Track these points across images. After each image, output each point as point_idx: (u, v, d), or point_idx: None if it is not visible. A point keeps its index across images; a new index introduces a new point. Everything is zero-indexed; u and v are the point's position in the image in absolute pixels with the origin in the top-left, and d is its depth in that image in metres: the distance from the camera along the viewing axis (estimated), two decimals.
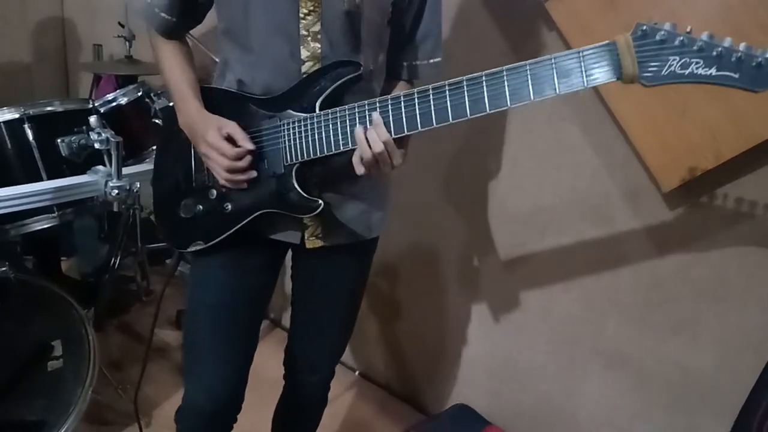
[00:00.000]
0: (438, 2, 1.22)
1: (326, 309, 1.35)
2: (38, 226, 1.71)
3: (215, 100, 1.16)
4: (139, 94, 2.01)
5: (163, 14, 1.18)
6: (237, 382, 1.29)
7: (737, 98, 1.30)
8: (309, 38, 1.08)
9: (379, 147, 0.99)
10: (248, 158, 1.10)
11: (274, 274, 1.32)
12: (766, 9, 1.25)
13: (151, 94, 2.04)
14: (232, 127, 1.10)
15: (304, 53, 1.08)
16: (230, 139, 1.09)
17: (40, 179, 1.69)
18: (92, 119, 1.65)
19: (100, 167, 1.68)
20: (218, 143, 1.08)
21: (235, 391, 1.29)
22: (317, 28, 1.07)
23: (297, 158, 1.09)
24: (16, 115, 1.68)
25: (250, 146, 1.09)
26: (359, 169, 1.04)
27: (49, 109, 1.74)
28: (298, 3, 1.06)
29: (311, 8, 1.06)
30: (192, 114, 1.14)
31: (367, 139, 1.00)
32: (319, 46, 1.08)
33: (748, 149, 1.34)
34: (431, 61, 1.24)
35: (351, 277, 1.35)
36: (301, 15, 1.06)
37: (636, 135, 1.49)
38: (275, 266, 1.31)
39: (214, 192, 1.17)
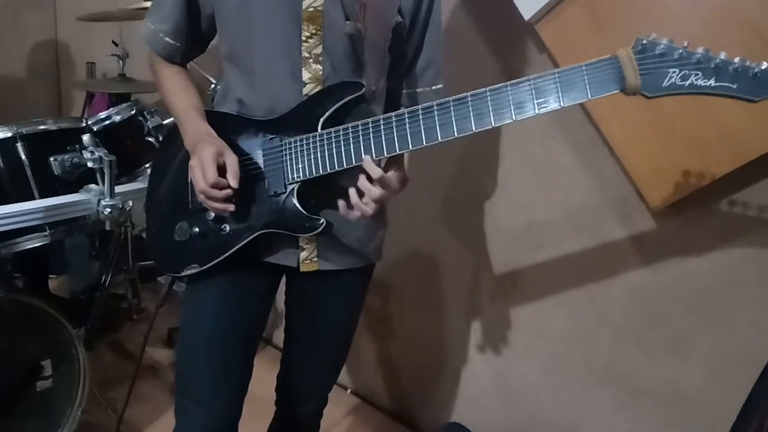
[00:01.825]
0: (438, 31, 1.23)
1: (320, 339, 1.33)
2: (30, 245, 1.69)
3: (216, 124, 1.15)
4: (133, 112, 2.01)
5: (167, 39, 1.20)
6: (232, 418, 1.24)
7: (726, 118, 1.33)
8: (311, 60, 1.09)
9: (376, 192, 1.02)
10: (226, 192, 1.07)
11: (270, 301, 1.30)
12: (745, 26, 1.28)
13: (145, 112, 2.03)
14: (231, 159, 1.08)
15: (305, 75, 1.10)
16: (222, 168, 1.07)
17: (32, 198, 1.68)
18: (85, 138, 1.66)
19: (93, 186, 1.68)
20: (207, 163, 1.05)
21: (230, 428, 1.25)
22: (319, 50, 1.09)
23: (299, 177, 1.09)
24: (9, 134, 1.68)
25: (233, 184, 1.07)
26: (352, 216, 1.06)
27: (42, 127, 1.74)
28: (301, 26, 1.07)
29: (313, 31, 1.08)
30: (201, 133, 1.12)
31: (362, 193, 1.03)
32: (321, 68, 1.09)
33: (738, 168, 1.36)
34: (433, 88, 1.26)
35: (346, 306, 1.32)
36: (303, 38, 1.08)
37: (626, 155, 1.50)
38: (270, 293, 1.29)
39: (212, 213, 1.15)
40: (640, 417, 1.68)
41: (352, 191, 1.04)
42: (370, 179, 1.02)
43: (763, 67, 0.86)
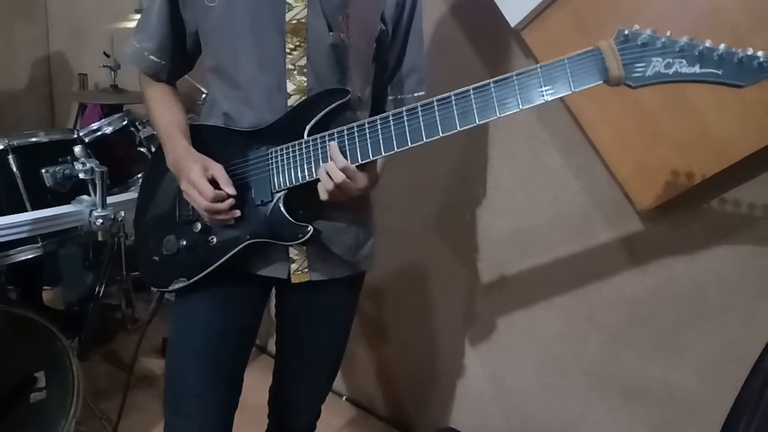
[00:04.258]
0: (420, 38, 1.24)
1: (312, 351, 1.32)
2: (22, 257, 1.70)
3: (202, 137, 1.16)
4: (124, 123, 2.02)
5: (153, 57, 1.20)
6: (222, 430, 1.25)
7: (710, 119, 1.35)
8: (295, 72, 1.09)
9: (339, 177, 1.02)
10: (230, 201, 1.08)
11: (260, 313, 1.29)
12: (729, 32, 1.30)
13: (137, 123, 2.05)
14: (218, 170, 1.09)
15: (290, 86, 1.10)
16: (214, 182, 1.08)
17: (24, 210, 1.69)
18: (77, 149, 1.66)
19: (85, 197, 1.68)
20: (199, 182, 1.06)
21: None
22: (303, 62, 1.09)
23: (285, 184, 1.09)
24: (1, 147, 1.69)
25: (231, 191, 1.08)
26: (323, 195, 1.05)
27: (33, 139, 1.75)
28: (284, 38, 1.08)
29: (297, 43, 1.08)
30: (180, 152, 1.13)
31: (327, 172, 1.02)
32: (305, 79, 1.10)
33: (721, 170, 1.37)
34: (416, 94, 1.27)
35: (338, 316, 1.32)
36: (287, 50, 1.08)
37: (611, 157, 1.52)
38: (260, 305, 1.28)
39: (199, 225, 1.15)
40: (633, 417, 1.68)
41: (320, 171, 1.04)
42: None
43: (749, 53, 0.86)
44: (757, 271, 1.43)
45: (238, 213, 1.10)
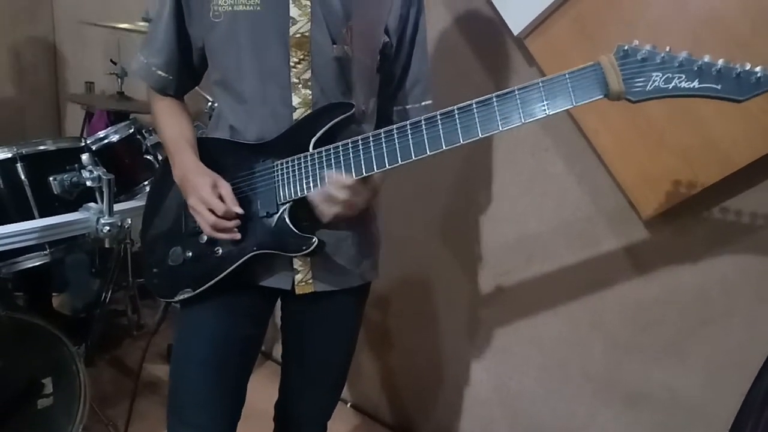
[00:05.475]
0: (424, 48, 1.25)
1: (317, 364, 1.32)
2: (30, 264, 1.72)
3: (209, 150, 1.17)
4: (131, 130, 2.04)
5: (160, 72, 1.21)
6: None
7: (713, 127, 1.35)
8: (300, 85, 1.11)
9: (343, 194, 1.03)
10: (236, 221, 1.10)
11: (265, 323, 1.29)
12: (730, 39, 1.31)
13: (143, 131, 2.06)
14: (226, 189, 1.10)
15: (295, 100, 1.11)
16: (221, 199, 1.09)
17: (32, 217, 1.71)
18: (84, 157, 1.67)
19: (92, 204, 1.69)
20: (210, 198, 1.08)
21: None
22: (308, 75, 1.10)
23: (290, 197, 1.10)
24: (9, 155, 1.71)
25: (239, 210, 1.10)
26: (325, 218, 1.07)
27: (41, 148, 1.77)
28: (289, 52, 1.09)
29: (301, 57, 1.09)
30: (188, 166, 1.14)
31: (327, 195, 1.04)
32: (311, 92, 1.11)
33: (724, 177, 1.38)
34: (422, 104, 1.27)
35: (343, 327, 1.32)
36: (292, 64, 1.09)
37: (615, 165, 1.53)
38: (266, 315, 1.28)
39: (204, 237, 1.16)
40: (637, 422, 1.68)
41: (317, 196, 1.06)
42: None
43: (747, 68, 0.87)
44: (759, 276, 1.44)
45: (239, 235, 1.11)
